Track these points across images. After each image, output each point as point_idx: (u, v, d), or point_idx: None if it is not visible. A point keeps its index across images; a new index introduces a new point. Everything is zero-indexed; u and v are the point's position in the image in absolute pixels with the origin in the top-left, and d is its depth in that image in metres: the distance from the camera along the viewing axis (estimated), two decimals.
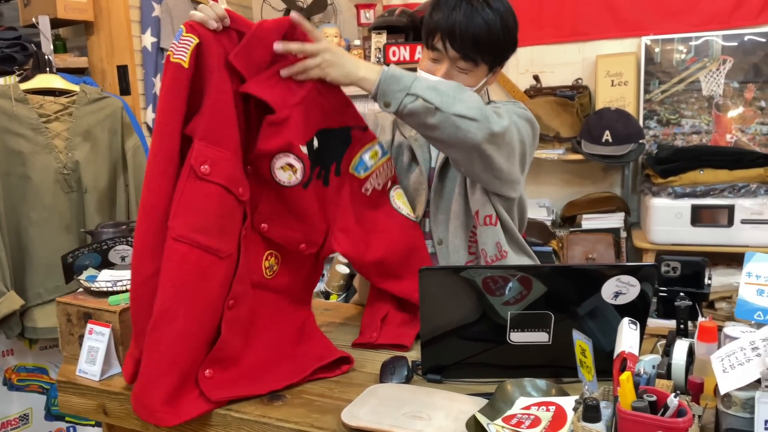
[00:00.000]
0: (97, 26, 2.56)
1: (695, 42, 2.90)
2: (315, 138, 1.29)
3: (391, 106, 1.23)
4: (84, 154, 2.18)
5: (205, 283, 1.16)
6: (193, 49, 1.14)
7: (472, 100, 1.26)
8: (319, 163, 1.31)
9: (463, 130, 1.24)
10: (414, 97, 1.22)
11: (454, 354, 1.20)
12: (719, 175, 2.55)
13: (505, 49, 1.43)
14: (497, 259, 1.48)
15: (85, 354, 1.32)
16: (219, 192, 1.16)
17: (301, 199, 1.29)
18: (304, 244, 1.33)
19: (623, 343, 0.97)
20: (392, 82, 1.22)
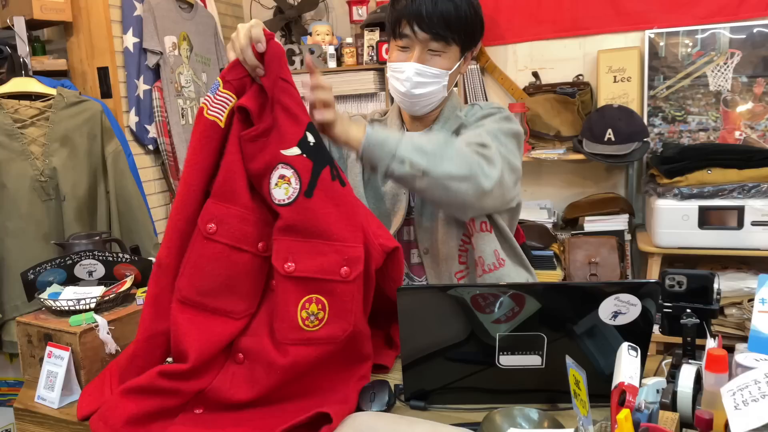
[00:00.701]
0: (77, 27, 2.47)
1: (701, 35, 2.78)
2: (308, 133, 1.11)
3: (378, 170, 1.20)
4: (62, 160, 2.10)
5: (215, 343, 1.11)
6: (231, 109, 1.11)
7: (461, 155, 1.23)
8: (323, 160, 1.11)
9: (453, 191, 1.22)
10: (401, 162, 1.18)
11: (439, 377, 1.11)
12: (728, 175, 2.43)
13: (474, 29, 1.38)
14: (495, 268, 1.41)
15: (43, 379, 1.24)
16: (226, 252, 1.10)
17: (309, 211, 1.10)
18: (344, 266, 1.09)
19: (622, 373, 0.87)
20: (376, 146, 1.18)
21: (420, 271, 1.46)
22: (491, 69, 3.15)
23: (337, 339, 1.09)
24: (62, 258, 1.41)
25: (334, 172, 1.12)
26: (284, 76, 1.11)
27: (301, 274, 1.08)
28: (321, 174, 1.10)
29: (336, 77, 3.02)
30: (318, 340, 1.08)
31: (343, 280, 1.09)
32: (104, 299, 1.32)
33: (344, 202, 1.11)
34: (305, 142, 1.10)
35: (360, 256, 1.10)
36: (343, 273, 1.08)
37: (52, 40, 2.70)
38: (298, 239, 1.09)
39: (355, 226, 1.11)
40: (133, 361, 1.11)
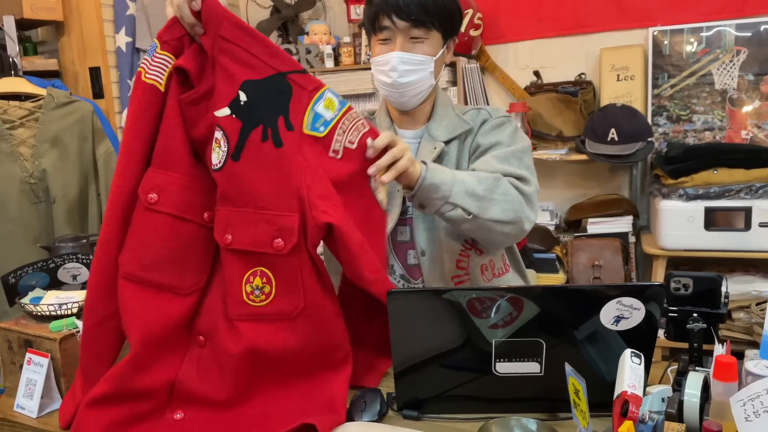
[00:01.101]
0: (68, 26, 2.43)
1: (706, 32, 2.73)
2: (240, 92, 1.03)
3: (427, 209, 1.22)
4: (52, 161, 2.06)
5: (163, 321, 1.05)
6: (171, 70, 1.03)
7: (508, 199, 1.24)
8: (255, 120, 1.03)
9: (495, 233, 1.25)
10: (452, 206, 1.20)
11: (433, 386, 1.06)
12: (734, 175, 2.37)
13: (453, 15, 1.38)
14: (502, 273, 1.45)
15: (23, 387, 1.20)
16: (170, 222, 1.04)
17: (236, 176, 1.02)
18: (277, 238, 1.02)
19: (625, 382, 0.82)
20: (431, 190, 1.18)
21: (416, 272, 1.41)
22: (492, 68, 3.10)
23: (288, 315, 1.04)
24: (45, 261, 1.37)
25: (268, 132, 1.03)
26: (223, 33, 1.02)
27: (238, 246, 1.03)
28: (250, 135, 1.02)
29: (333, 77, 2.98)
30: (267, 316, 1.03)
31: (277, 253, 1.02)
32: None
33: (276, 166, 1.02)
34: (236, 102, 1.03)
35: (293, 226, 1.02)
36: (276, 245, 1.02)
37: (46, 41, 2.67)
38: (233, 208, 1.04)
39: (288, 192, 1.02)
40: (89, 350, 1.06)
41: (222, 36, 1.02)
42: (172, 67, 1.04)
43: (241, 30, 1.03)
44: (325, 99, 1.08)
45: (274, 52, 1.04)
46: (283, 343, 1.04)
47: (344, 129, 1.09)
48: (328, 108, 1.08)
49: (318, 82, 1.08)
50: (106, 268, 1.05)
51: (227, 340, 1.05)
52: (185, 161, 1.05)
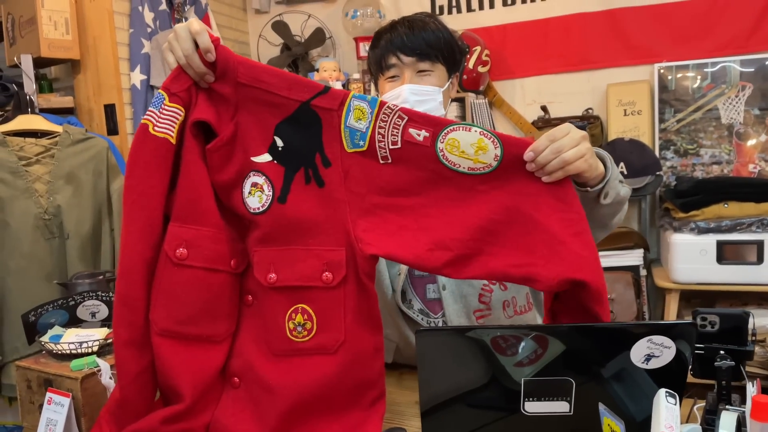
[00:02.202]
0: (84, 65, 2.47)
1: (711, 68, 2.77)
2: (276, 138, 1.04)
3: (609, 196, 1.11)
4: (66, 198, 2.07)
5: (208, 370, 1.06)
6: (181, 123, 1.02)
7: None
8: (296, 163, 1.04)
9: (622, 213, 1.24)
10: (622, 184, 1.15)
11: (460, 425, 1.04)
12: (745, 209, 2.38)
13: (454, 50, 1.41)
14: (524, 311, 1.42)
15: (43, 427, 1.18)
16: (201, 276, 1.04)
17: (284, 218, 1.04)
18: (326, 272, 1.03)
19: (662, 423, 0.81)
20: (614, 170, 1.12)
21: (437, 307, 1.40)
22: (499, 103, 3.14)
23: (329, 349, 1.04)
24: (64, 299, 1.37)
25: (309, 173, 1.04)
26: (241, 79, 1.02)
27: (282, 283, 1.04)
28: (294, 178, 1.04)
29: None
30: (309, 351, 1.04)
31: (325, 286, 1.03)
32: (107, 341, 1.27)
33: (321, 204, 1.04)
34: (275, 147, 1.04)
35: (341, 259, 1.03)
36: (325, 279, 1.03)
37: (59, 78, 2.70)
38: (277, 248, 1.04)
39: (334, 228, 1.03)
40: (126, 407, 1.05)
41: (241, 83, 1.02)
42: (182, 119, 1.03)
43: (256, 70, 1.02)
44: (353, 111, 1.03)
45: (292, 82, 1.03)
46: (321, 376, 1.03)
47: (382, 134, 1.02)
48: (359, 119, 1.03)
49: (342, 95, 1.03)
50: (134, 325, 1.04)
51: (266, 377, 1.04)
52: (213, 214, 1.06)
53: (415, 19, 1.38)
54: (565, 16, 3.02)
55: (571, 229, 1.00)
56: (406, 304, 1.40)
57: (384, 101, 1.02)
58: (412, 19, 1.39)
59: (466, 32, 3.03)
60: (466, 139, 1.00)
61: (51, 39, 2.28)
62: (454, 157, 1.01)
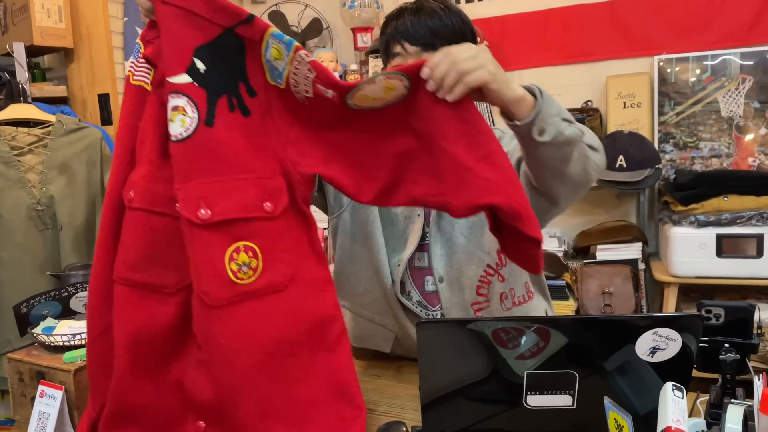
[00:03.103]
0: (77, 53, 2.43)
1: (711, 61, 2.75)
2: (196, 60, 0.94)
3: (546, 133, 1.04)
4: (60, 188, 2.04)
5: (152, 327, 1.00)
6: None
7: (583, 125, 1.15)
8: (218, 89, 0.95)
9: (591, 162, 1.15)
10: (567, 123, 1.06)
11: (460, 418, 1.03)
12: (745, 202, 2.37)
13: (465, 38, 1.33)
14: (524, 301, 1.39)
15: (35, 420, 1.16)
16: (143, 218, 0.98)
17: (214, 142, 0.95)
18: (267, 202, 0.96)
19: (669, 416, 0.79)
20: (551, 103, 1.04)
21: (434, 299, 1.39)
22: None
23: (279, 286, 0.96)
24: (57, 290, 1.34)
25: (234, 102, 0.95)
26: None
27: (220, 217, 0.93)
28: (217, 104, 0.95)
29: None
30: (257, 292, 0.95)
31: (269, 216, 0.95)
32: None
33: (249, 133, 0.96)
34: (195, 70, 0.94)
35: (281, 187, 0.97)
36: (267, 208, 0.95)
37: (52, 68, 2.67)
38: (208, 179, 0.94)
39: (267, 157, 0.96)
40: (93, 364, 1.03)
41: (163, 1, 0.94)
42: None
43: None
44: (271, 48, 0.95)
45: (217, 7, 0.94)
46: (277, 320, 0.96)
47: (296, 80, 0.96)
48: (277, 59, 0.96)
49: (262, 29, 0.95)
50: (100, 276, 1.02)
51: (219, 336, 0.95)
52: (153, 152, 0.99)
53: (423, 6, 1.33)
54: (565, 7, 3.00)
55: (478, 153, 0.96)
56: (405, 296, 1.39)
57: (299, 47, 0.95)
58: (421, 4, 1.33)
59: None
60: (373, 89, 0.96)
61: (44, 27, 2.25)
62: (367, 104, 0.97)
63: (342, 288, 1.46)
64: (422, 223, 1.37)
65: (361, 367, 1.41)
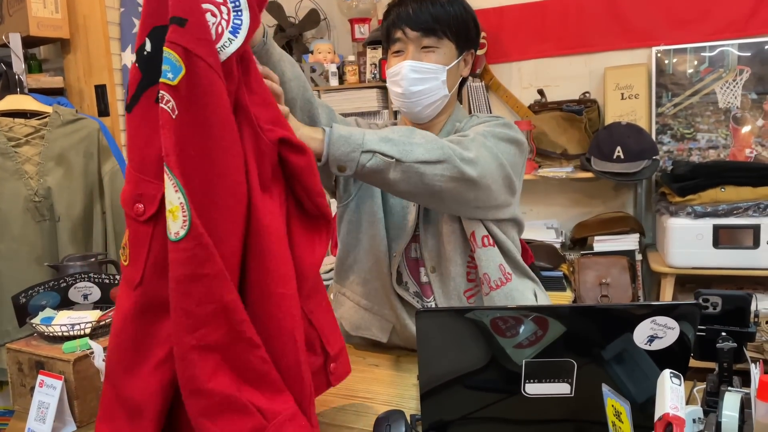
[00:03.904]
0: (74, 44, 2.42)
1: (709, 52, 2.75)
2: (147, 40, 0.90)
3: (348, 169, 1.11)
4: (57, 179, 2.03)
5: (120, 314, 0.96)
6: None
7: (429, 140, 1.17)
8: (153, 76, 0.89)
9: (429, 176, 1.15)
10: (371, 155, 1.10)
11: (459, 407, 1.03)
12: (742, 193, 2.38)
13: (467, 27, 1.37)
14: (502, 284, 1.35)
15: (34, 410, 1.16)
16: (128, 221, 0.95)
17: (128, 128, 0.93)
18: (139, 203, 0.91)
19: (666, 404, 0.80)
20: (342, 143, 1.09)
21: (428, 290, 1.39)
22: (496, 87, 3.11)
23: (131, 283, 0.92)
24: (56, 280, 1.34)
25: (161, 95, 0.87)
26: None
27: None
28: (147, 90, 0.91)
29: (338, 95, 2.98)
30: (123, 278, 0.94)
31: (134, 218, 0.91)
32: (100, 324, 1.25)
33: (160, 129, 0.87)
34: (141, 50, 0.90)
35: (155, 194, 0.89)
36: (136, 210, 0.91)
37: (49, 59, 2.65)
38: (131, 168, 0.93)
39: (160, 159, 0.87)
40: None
41: None
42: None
43: None
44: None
45: None
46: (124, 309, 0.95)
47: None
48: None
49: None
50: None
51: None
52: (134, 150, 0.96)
53: None
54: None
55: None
56: (402, 287, 1.39)
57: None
58: None
59: None
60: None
61: (40, 17, 2.24)
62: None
63: (343, 277, 1.46)
64: (416, 213, 1.38)
65: (359, 356, 1.41)
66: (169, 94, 0.86)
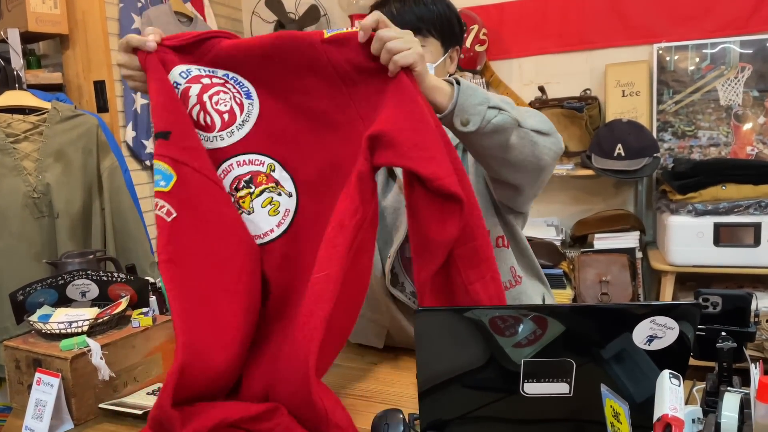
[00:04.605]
0: (73, 40, 2.41)
1: (711, 49, 2.74)
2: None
3: (470, 123, 1.04)
4: (56, 176, 2.02)
5: None
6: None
7: (535, 111, 1.15)
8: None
9: (540, 147, 1.12)
10: (497, 111, 1.05)
11: (457, 406, 1.03)
12: (743, 191, 2.37)
13: (451, 24, 1.35)
14: (511, 286, 1.35)
15: (32, 408, 1.16)
16: None
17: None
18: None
19: (665, 404, 0.79)
20: (470, 93, 1.04)
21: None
22: (496, 83, 3.10)
23: None
24: (53, 277, 1.34)
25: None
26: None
27: None
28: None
29: None
30: None
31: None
32: (98, 321, 1.25)
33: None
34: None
35: None
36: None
37: (47, 55, 2.64)
38: None
39: None
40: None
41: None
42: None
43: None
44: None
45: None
46: None
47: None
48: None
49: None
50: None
51: None
52: None
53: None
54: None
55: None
56: (398, 288, 1.38)
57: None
58: None
59: (463, 10, 2.98)
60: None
61: (39, 13, 2.23)
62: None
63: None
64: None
65: (357, 355, 1.40)
66: (164, 199, 0.97)
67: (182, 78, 1.02)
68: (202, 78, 1.03)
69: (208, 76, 1.04)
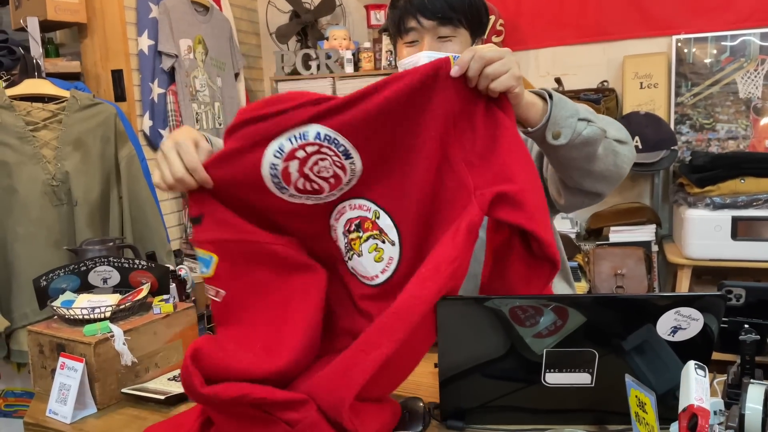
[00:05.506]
0: (91, 29, 2.42)
1: (731, 41, 2.71)
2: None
3: (562, 136, 1.03)
4: (74, 164, 2.04)
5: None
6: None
7: (611, 119, 1.15)
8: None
9: (621, 156, 1.12)
10: (586, 123, 1.04)
11: (478, 395, 1.03)
12: (762, 185, 2.35)
13: (480, 12, 1.32)
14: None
15: (56, 392, 1.18)
16: None
17: None
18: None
19: (691, 395, 0.79)
20: (562, 105, 1.03)
21: None
22: None
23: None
24: (76, 264, 1.35)
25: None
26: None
27: None
28: None
29: (354, 82, 2.96)
30: None
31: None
32: (120, 308, 1.26)
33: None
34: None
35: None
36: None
37: (65, 44, 2.65)
38: None
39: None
40: None
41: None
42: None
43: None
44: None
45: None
46: None
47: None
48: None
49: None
50: None
51: None
52: None
53: None
54: None
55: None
56: None
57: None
58: None
59: None
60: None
61: (58, 2, 2.24)
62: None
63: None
64: None
65: None
66: (210, 284, 1.00)
67: (278, 158, 0.96)
68: (296, 152, 0.96)
69: (301, 146, 0.96)
